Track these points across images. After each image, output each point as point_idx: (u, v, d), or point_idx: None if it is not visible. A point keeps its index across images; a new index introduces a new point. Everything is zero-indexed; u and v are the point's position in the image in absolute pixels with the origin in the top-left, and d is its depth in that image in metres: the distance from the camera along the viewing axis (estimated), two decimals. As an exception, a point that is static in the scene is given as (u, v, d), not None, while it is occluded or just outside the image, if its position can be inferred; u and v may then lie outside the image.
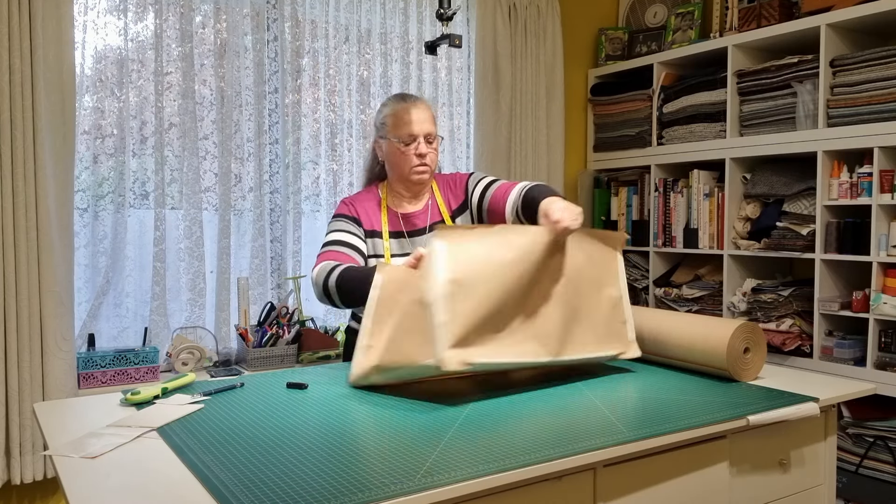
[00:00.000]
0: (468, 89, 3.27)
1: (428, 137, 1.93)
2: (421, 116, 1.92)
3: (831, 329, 2.69)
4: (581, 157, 3.67)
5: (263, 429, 1.32)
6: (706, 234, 3.09)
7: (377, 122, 2.01)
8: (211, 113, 2.70)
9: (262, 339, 2.62)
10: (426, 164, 1.93)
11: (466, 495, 1.09)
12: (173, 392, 1.58)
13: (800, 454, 1.61)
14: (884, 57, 2.50)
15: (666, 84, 3.28)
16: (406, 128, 1.91)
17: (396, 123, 1.93)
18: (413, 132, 1.91)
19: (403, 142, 1.92)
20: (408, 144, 1.92)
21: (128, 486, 1.06)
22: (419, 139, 1.91)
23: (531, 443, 1.23)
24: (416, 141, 1.91)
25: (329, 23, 2.90)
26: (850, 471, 2.59)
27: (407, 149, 1.92)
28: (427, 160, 1.93)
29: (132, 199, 2.60)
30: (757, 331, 1.69)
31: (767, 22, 2.88)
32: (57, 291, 2.29)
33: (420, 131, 1.91)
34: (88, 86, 2.49)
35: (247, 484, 1.06)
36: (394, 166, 1.97)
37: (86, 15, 2.47)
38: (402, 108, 1.93)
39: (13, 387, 2.25)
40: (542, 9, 3.34)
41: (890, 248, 2.48)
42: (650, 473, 1.35)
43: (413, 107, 1.93)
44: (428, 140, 1.93)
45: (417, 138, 1.91)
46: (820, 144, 2.65)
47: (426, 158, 1.92)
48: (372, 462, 1.14)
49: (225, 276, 2.70)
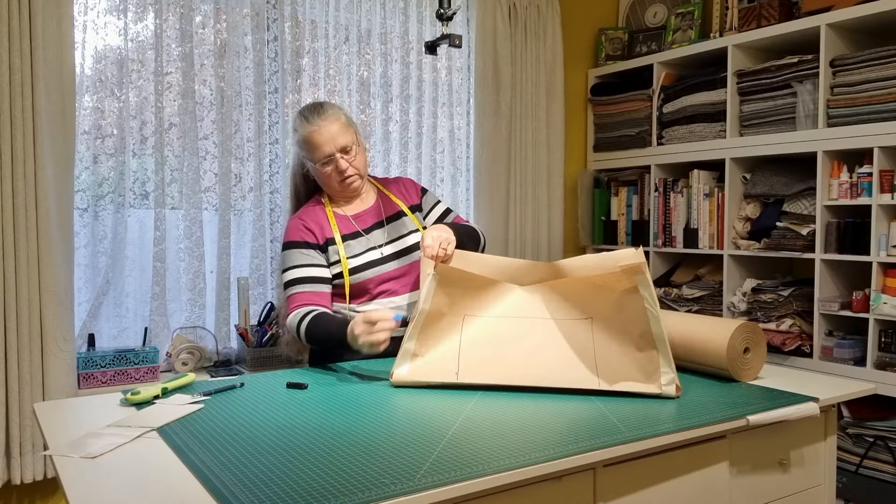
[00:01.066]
0: (468, 89, 3.27)
1: (344, 150, 1.90)
2: (329, 134, 1.88)
3: (831, 329, 2.69)
4: (581, 157, 3.67)
5: (263, 429, 1.32)
6: (706, 234, 3.09)
7: (293, 146, 1.99)
8: (211, 113, 2.70)
9: (262, 339, 2.62)
10: (351, 175, 1.92)
11: (466, 495, 1.09)
12: (173, 392, 1.58)
13: (800, 454, 1.61)
14: (884, 57, 2.50)
15: (666, 84, 3.28)
16: (318, 151, 1.89)
17: (309, 148, 1.90)
18: (326, 153, 1.88)
19: (322, 163, 1.90)
20: (326, 165, 1.90)
21: (128, 486, 1.06)
22: (335, 156, 1.89)
23: (531, 443, 1.23)
24: (333, 160, 1.89)
25: (329, 23, 2.90)
26: (850, 471, 2.59)
27: (328, 169, 1.91)
28: (349, 171, 1.91)
29: (132, 199, 2.60)
30: (757, 331, 1.69)
31: (767, 22, 2.88)
32: (57, 291, 2.29)
33: (333, 149, 1.88)
34: (88, 86, 2.49)
35: (247, 484, 1.06)
36: (324, 185, 1.97)
37: (86, 15, 2.47)
38: (308, 133, 1.89)
39: (13, 387, 2.25)
40: (542, 9, 3.34)
41: (890, 248, 2.48)
42: (650, 473, 1.35)
43: (319, 128, 1.88)
44: (345, 151, 1.90)
45: (333, 156, 1.89)
46: (820, 144, 2.65)
47: (348, 171, 1.91)
48: (372, 462, 1.14)
49: (225, 276, 2.70)
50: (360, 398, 1.53)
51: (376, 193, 2.05)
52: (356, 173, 1.93)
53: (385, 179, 2.11)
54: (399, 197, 2.06)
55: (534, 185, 3.35)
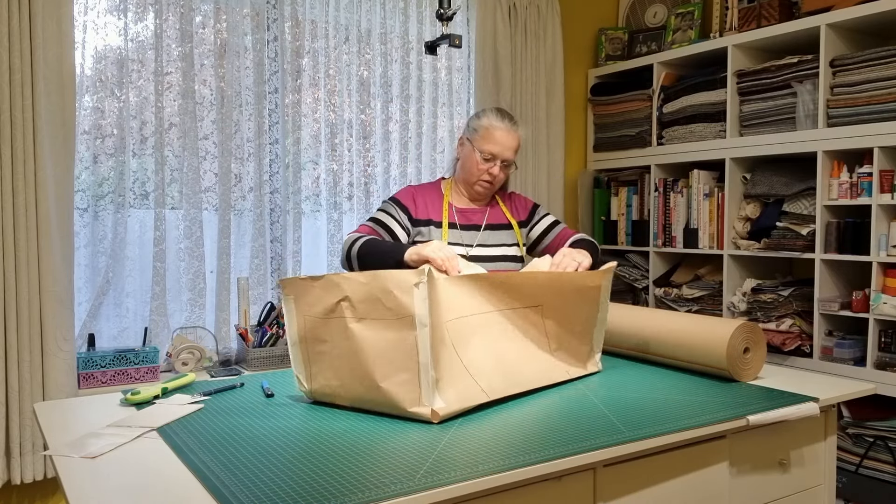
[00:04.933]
0: (468, 89, 3.27)
1: (505, 161, 2.06)
2: (508, 142, 2.04)
3: (831, 329, 2.69)
4: (581, 157, 3.67)
5: (263, 429, 1.32)
6: (706, 234, 3.09)
7: (471, 124, 2.12)
8: (211, 113, 2.70)
9: (262, 339, 2.62)
10: (491, 183, 2.07)
11: (466, 495, 1.09)
12: (173, 392, 1.58)
13: (800, 454, 1.61)
14: (884, 57, 2.50)
15: (666, 84, 3.28)
16: (490, 146, 2.03)
17: (485, 137, 2.04)
18: (494, 153, 2.04)
19: (483, 156, 2.04)
20: (485, 160, 2.04)
21: (128, 486, 1.06)
22: (497, 161, 2.04)
23: (531, 443, 1.23)
24: (494, 161, 2.04)
25: (329, 23, 2.90)
26: (850, 471, 2.59)
27: (483, 163, 2.04)
28: (494, 180, 2.07)
29: (132, 199, 2.60)
30: (757, 331, 1.69)
31: (767, 22, 2.88)
32: (57, 291, 2.29)
33: (500, 155, 2.04)
34: (88, 86, 2.49)
35: (247, 484, 1.06)
36: (464, 169, 2.10)
37: (86, 15, 2.47)
38: (494, 128, 2.04)
39: (13, 387, 2.25)
40: (542, 9, 3.34)
41: (890, 248, 2.48)
42: (650, 473, 1.35)
43: (506, 131, 2.04)
44: (504, 164, 2.06)
45: (496, 159, 2.04)
46: (820, 144, 2.65)
47: (494, 179, 2.06)
48: (372, 462, 1.14)
49: (225, 276, 2.70)
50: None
51: (490, 201, 2.17)
52: (493, 185, 2.08)
53: (501, 193, 2.22)
54: (510, 211, 2.17)
55: (534, 185, 3.36)
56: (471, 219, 2.10)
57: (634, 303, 3.40)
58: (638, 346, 1.89)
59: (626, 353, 1.96)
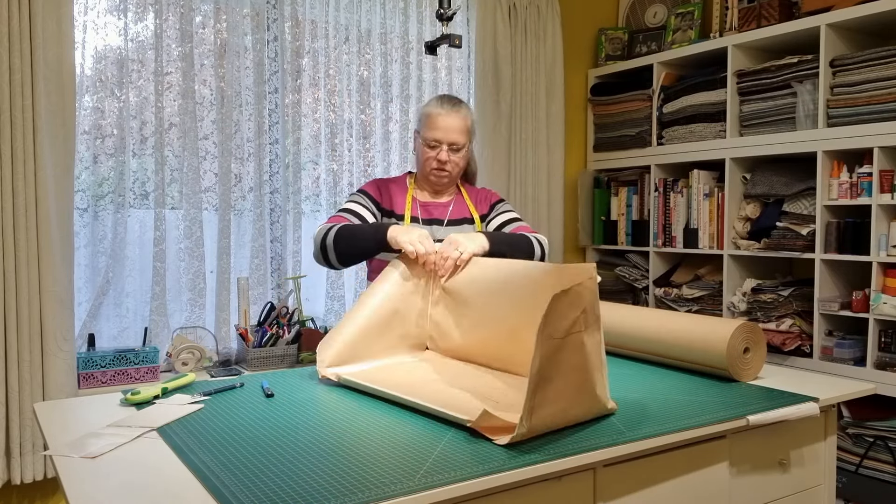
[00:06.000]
0: (468, 89, 3.27)
1: (453, 146, 2.01)
2: (450, 125, 2.00)
3: (831, 329, 2.69)
4: (581, 157, 3.67)
5: (263, 429, 1.32)
6: (706, 234, 3.09)
7: (418, 114, 2.12)
8: (211, 113, 2.70)
9: (262, 339, 2.62)
10: (445, 171, 2.03)
11: (466, 495, 1.09)
12: (173, 392, 1.58)
13: (800, 454, 1.61)
14: (884, 57, 2.50)
15: (666, 84, 3.28)
16: (432, 133, 2.00)
17: (427, 125, 2.02)
18: (437, 138, 2.00)
19: (428, 144, 2.02)
20: (431, 147, 2.01)
21: (128, 486, 1.06)
22: (442, 146, 2.00)
23: (531, 443, 1.23)
24: (439, 147, 2.00)
25: (329, 23, 2.90)
26: (850, 471, 2.59)
27: (430, 151, 2.02)
28: (447, 167, 2.02)
29: (132, 200, 2.60)
30: (757, 331, 1.69)
31: (767, 22, 2.88)
32: (57, 291, 2.29)
33: (444, 139, 2.00)
34: (88, 86, 2.49)
35: (247, 484, 1.06)
36: (418, 161, 2.10)
37: (86, 15, 2.47)
38: (435, 113, 2.01)
39: (13, 387, 2.25)
40: (542, 9, 3.34)
41: (890, 248, 2.48)
42: (650, 473, 1.35)
43: (446, 115, 2.00)
44: (453, 148, 2.01)
45: (441, 145, 2.00)
46: (820, 144, 2.65)
47: (446, 165, 2.02)
48: (372, 462, 1.14)
49: (225, 276, 2.70)
50: (360, 398, 1.53)
51: (455, 195, 2.14)
52: (449, 171, 2.04)
53: (470, 187, 2.20)
54: (474, 204, 2.14)
55: (534, 185, 3.35)
56: (433, 213, 2.07)
57: (634, 303, 3.40)
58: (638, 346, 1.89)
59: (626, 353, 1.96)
